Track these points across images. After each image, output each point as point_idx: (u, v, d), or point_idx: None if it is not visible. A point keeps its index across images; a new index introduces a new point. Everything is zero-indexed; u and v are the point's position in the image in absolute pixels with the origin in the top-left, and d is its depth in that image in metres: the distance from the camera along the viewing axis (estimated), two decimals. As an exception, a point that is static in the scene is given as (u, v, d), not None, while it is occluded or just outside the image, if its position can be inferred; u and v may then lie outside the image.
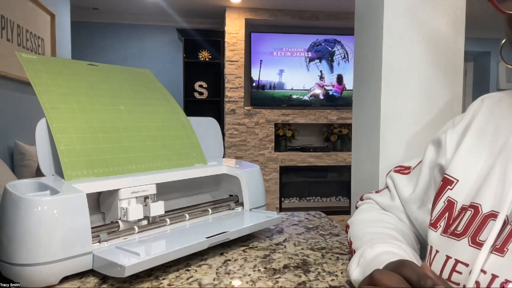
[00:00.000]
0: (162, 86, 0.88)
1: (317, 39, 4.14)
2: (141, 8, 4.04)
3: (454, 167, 0.50)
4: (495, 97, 0.52)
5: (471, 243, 0.43)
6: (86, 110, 0.68)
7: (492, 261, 0.39)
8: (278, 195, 4.07)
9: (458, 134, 0.53)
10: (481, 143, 0.49)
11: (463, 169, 0.49)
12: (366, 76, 0.93)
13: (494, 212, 0.43)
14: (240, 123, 3.98)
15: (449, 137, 0.53)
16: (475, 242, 0.42)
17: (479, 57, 4.93)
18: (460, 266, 0.42)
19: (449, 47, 0.86)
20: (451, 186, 0.49)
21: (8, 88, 2.31)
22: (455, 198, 0.48)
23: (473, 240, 0.43)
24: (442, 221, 0.48)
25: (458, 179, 0.49)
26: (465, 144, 0.50)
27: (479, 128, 0.50)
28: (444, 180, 0.50)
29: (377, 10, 0.87)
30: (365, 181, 0.94)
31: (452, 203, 0.48)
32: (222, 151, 0.94)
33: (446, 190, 0.49)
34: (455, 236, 0.45)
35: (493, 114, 0.50)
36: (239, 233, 0.68)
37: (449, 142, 0.53)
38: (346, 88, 4.15)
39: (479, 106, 0.53)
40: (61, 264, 0.51)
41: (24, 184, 0.58)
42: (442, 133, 0.55)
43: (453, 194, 0.48)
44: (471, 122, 0.52)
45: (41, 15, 2.74)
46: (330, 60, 4.17)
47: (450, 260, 0.44)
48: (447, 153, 0.53)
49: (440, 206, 0.49)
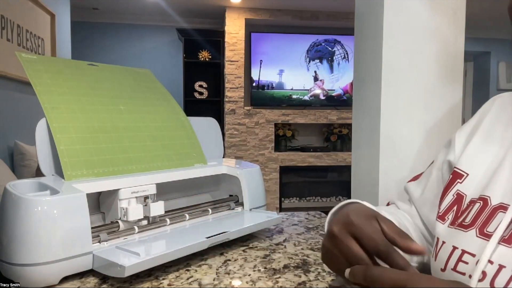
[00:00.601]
0: (162, 86, 0.88)
1: (317, 39, 4.14)
2: (141, 8, 4.04)
3: (464, 161, 0.51)
4: (507, 97, 0.53)
5: (478, 234, 0.43)
6: (86, 110, 0.68)
7: (500, 252, 0.40)
8: (278, 195, 4.07)
9: (467, 132, 0.54)
10: (491, 138, 0.50)
11: (473, 163, 0.50)
12: (366, 76, 0.93)
13: (504, 204, 0.43)
14: (240, 123, 3.98)
15: (458, 135, 0.55)
16: (482, 233, 0.43)
17: (479, 57, 4.93)
18: (467, 256, 0.43)
19: (449, 47, 0.86)
20: (461, 179, 0.50)
21: (8, 88, 2.31)
22: (464, 191, 0.49)
23: (480, 231, 0.43)
24: (450, 214, 0.49)
25: (468, 173, 0.50)
26: (475, 140, 0.51)
27: (490, 125, 0.51)
28: (454, 174, 0.51)
29: (377, 10, 0.87)
30: (365, 181, 0.94)
31: (461, 196, 0.49)
32: (222, 151, 0.94)
33: (455, 183, 0.50)
34: (463, 227, 0.45)
35: (504, 112, 0.51)
36: (239, 233, 0.68)
37: (457, 139, 0.54)
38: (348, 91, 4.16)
39: (490, 105, 0.54)
40: (61, 264, 0.51)
41: (24, 184, 0.58)
42: (453, 134, 0.57)
43: (463, 187, 0.49)
44: (482, 120, 0.53)
45: (41, 15, 2.74)
46: (330, 60, 4.17)
47: (457, 250, 0.44)
48: (455, 149, 0.54)
49: (449, 199, 0.50)
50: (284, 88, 4.10)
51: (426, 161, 0.85)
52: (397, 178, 0.86)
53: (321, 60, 4.16)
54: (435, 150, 0.86)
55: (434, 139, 0.86)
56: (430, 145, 0.86)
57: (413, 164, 0.86)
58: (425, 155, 0.86)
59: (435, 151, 0.86)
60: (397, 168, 0.87)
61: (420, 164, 0.85)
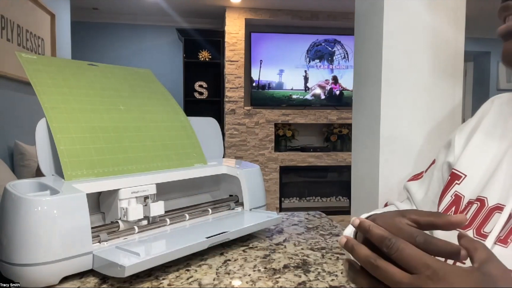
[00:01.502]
0: (162, 86, 0.88)
1: (317, 39, 4.14)
2: (141, 8, 4.04)
3: (463, 162, 0.51)
4: (505, 97, 0.53)
5: (475, 234, 0.44)
6: (86, 110, 0.68)
7: (496, 251, 0.40)
8: (278, 195, 4.07)
9: (466, 133, 0.54)
10: (490, 139, 0.50)
11: (471, 164, 0.50)
12: (366, 76, 0.93)
13: (500, 205, 0.43)
14: (240, 123, 3.97)
15: (458, 136, 0.55)
16: (479, 234, 0.43)
17: (479, 57, 4.93)
18: None
19: (449, 47, 0.86)
20: (459, 181, 0.50)
21: (8, 88, 2.31)
22: (462, 192, 0.49)
23: (477, 231, 0.44)
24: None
25: (466, 174, 0.50)
26: (474, 141, 0.52)
27: (488, 126, 0.52)
28: (452, 175, 0.51)
29: (377, 10, 0.87)
30: (365, 181, 0.94)
31: (459, 197, 0.49)
32: (222, 151, 0.94)
33: (453, 184, 0.50)
34: (460, 228, 0.45)
35: (502, 113, 0.51)
36: (239, 233, 0.68)
37: (457, 140, 0.55)
38: (344, 87, 4.15)
39: (488, 106, 0.54)
40: (61, 264, 0.51)
41: (24, 184, 0.58)
42: (452, 135, 0.57)
43: (461, 188, 0.49)
44: (480, 121, 0.53)
45: (41, 15, 2.74)
46: (330, 60, 4.17)
47: None
48: (455, 151, 0.54)
49: (447, 200, 0.50)
50: (284, 88, 4.10)
51: (426, 161, 0.85)
52: (397, 178, 0.86)
53: (321, 60, 4.16)
54: (435, 150, 0.86)
55: (434, 139, 0.86)
56: (430, 145, 0.86)
57: (413, 164, 0.86)
58: (425, 155, 0.86)
59: (435, 151, 0.86)
60: (397, 168, 0.87)
61: (420, 164, 0.85)
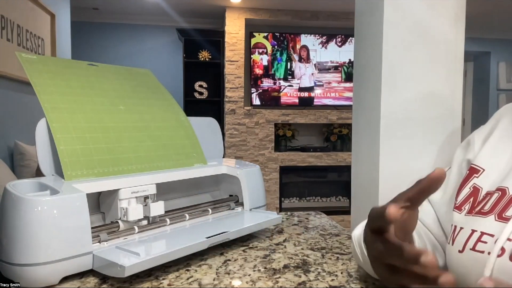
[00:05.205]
0: (162, 86, 0.88)
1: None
2: (141, 8, 4.04)
3: (481, 158, 0.53)
4: None
5: (497, 218, 0.45)
6: (86, 110, 0.68)
7: None
8: (278, 195, 4.07)
9: (484, 133, 0.57)
10: (507, 137, 0.53)
11: (490, 159, 0.52)
12: (366, 76, 0.93)
13: None
14: (240, 123, 3.97)
15: (477, 136, 0.57)
16: (501, 217, 0.45)
17: (479, 57, 4.93)
18: (486, 237, 0.45)
19: (449, 47, 0.86)
20: (478, 174, 0.52)
21: (8, 88, 2.31)
22: (481, 185, 0.51)
23: (499, 215, 0.45)
24: (466, 205, 0.51)
25: (484, 169, 0.52)
26: (492, 140, 0.54)
27: (506, 127, 0.54)
28: (471, 169, 0.54)
29: (377, 10, 0.87)
30: (365, 181, 0.94)
31: (477, 189, 0.51)
32: (222, 151, 0.94)
33: (472, 178, 0.53)
34: (482, 214, 0.48)
35: None
36: (239, 233, 0.68)
37: (477, 139, 0.57)
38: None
39: (506, 109, 0.56)
40: (61, 264, 0.51)
41: (24, 184, 0.58)
42: (471, 135, 0.59)
43: (479, 181, 0.51)
44: (498, 122, 0.56)
45: (41, 15, 2.74)
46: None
47: (476, 233, 0.46)
48: (475, 148, 0.56)
49: (466, 192, 0.52)
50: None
51: (426, 161, 0.85)
52: (398, 178, 0.86)
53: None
54: (435, 150, 0.86)
55: (434, 139, 0.86)
56: (430, 145, 0.86)
57: (413, 164, 0.86)
58: (425, 155, 0.86)
59: (435, 151, 0.86)
60: (397, 168, 0.87)
61: (420, 164, 0.85)
